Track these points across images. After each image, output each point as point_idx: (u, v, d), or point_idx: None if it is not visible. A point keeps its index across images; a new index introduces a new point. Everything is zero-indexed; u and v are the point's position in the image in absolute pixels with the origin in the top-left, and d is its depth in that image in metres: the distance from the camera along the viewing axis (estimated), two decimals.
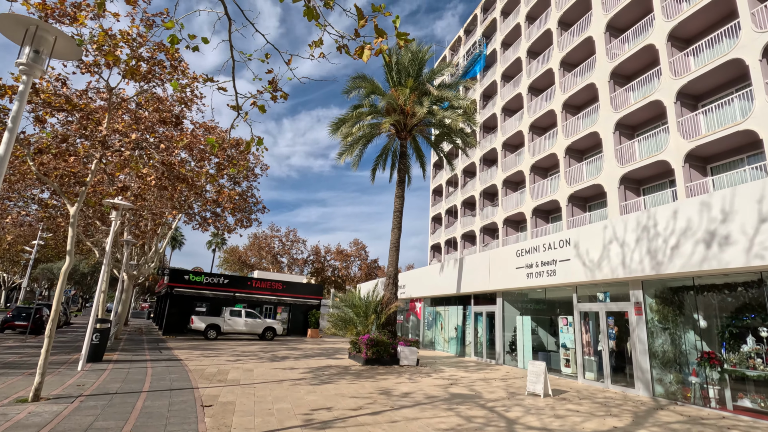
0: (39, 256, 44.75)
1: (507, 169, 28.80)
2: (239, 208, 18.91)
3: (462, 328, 18.81)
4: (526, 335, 14.35)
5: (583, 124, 22.97)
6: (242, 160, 17.96)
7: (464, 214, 34.54)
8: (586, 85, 22.15)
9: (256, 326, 23.70)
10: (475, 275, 17.30)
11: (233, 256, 63.47)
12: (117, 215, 10.95)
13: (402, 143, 16.57)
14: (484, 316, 17.08)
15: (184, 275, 25.91)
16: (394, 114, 15.00)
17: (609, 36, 21.41)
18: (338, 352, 18.24)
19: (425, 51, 15.96)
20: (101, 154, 7.53)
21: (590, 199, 22.52)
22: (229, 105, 4.40)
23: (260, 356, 15.30)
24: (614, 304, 11.08)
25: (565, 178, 22.78)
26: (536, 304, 14.93)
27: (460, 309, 19.19)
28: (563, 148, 23.23)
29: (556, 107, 24.32)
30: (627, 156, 19.49)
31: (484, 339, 16.78)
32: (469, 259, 18.19)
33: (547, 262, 13.09)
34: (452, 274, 19.22)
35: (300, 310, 29.72)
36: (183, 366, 11.92)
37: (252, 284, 28.06)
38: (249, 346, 19.19)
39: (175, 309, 25.19)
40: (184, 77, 8.92)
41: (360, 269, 66.69)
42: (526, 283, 14.11)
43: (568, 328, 12.53)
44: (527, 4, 28.97)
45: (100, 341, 11.81)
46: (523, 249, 14.44)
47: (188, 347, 17.59)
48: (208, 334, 22.25)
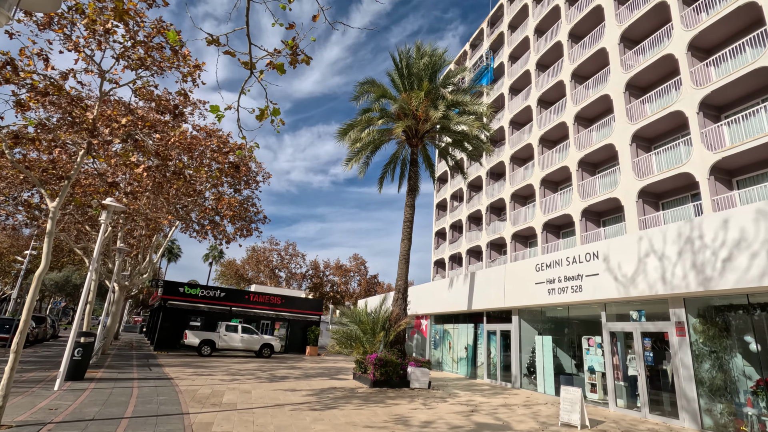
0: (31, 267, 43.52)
1: (515, 182, 28.03)
2: (239, 216, 17.96)
3: (473, 348, 17.67)
4: (547, 357, 13.27)
5: (596, 137, 22.30)
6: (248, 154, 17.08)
7: (470, 228, 33.63)
8: (600, 97, 21.55)
9: (252, 342, 22.47)
10: (489, 291, 16.28)
11: (230, 269, 62.16)
12: (107, 217, 10.01)
13: (413, 150, 15.76)
14: (497, 336, 15.99)
15: (179, 287, 24.76)
16: (405, 119, 14.23)
17: (623, 47, 20.92)
18: (341, 371, 17.05)
19: (439, 55, 15.30)
20: (88, 143, 6.64)
21: (605, 213, 21.67)
22: (241, 62, 3.55)
23: (258, 376, 14.13)
24: (651, 324, 10.07)
25: (578, 192, 21.97)
26: (557, 322, 13.88)
27: (471, 327, 18.08)
28: (576, 161, 22.49)
29: (567, 119, 23.69)
30: (644, 169, 18.73)
31: (498, 360, 15.66)
32: (482, 274, 17.19)
33: (571, 277, 12.12)
34: (463, 290, 18.18)
35: (299, 326, 28.47)
36: (173, 386, 10.78)
37: (249, 298, 26.88)
38: (245, 364, 17.98)
39: (168, 323, 23.95)
40: (185, 65, 8.10)
41: (359, 285, 65.39)
42: (546, 300, 13.10)
43: (596, 350, 11.47)
44: (536, 17, 28.70)
45: (82, 357, 10.70)
46: (543, 263, 13.48)
47: (180, 364, 16.40)
48: (202, 350, 21.01)
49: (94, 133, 6.55)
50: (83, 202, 9.39)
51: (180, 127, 7.32)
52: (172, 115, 7.45)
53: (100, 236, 9.55)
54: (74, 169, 6.92)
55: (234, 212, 17.59)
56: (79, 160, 6.94)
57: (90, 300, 13.42)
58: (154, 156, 7.50)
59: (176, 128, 7.38)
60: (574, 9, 25.37)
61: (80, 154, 6.97)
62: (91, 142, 6.57)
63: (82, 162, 6.96)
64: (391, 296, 19.85)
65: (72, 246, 13.52)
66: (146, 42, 7.30)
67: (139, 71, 7.90)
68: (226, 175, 17.41)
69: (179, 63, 8.05)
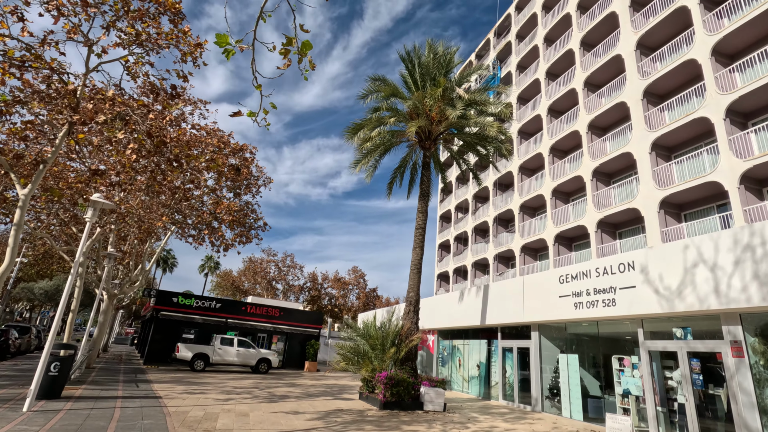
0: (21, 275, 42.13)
1: (524, 193, 27.14)
2: (238, 222, 16.91)
3: (486, 366, 16.48)
4: (573, 378, 12.13)
5: (611, 146, 21.51)
6: None
7: (475, 241, 32.62)
8: (616, 105, 20.82)
9: (249, 357, 21.17)
10: (505, 305, 15.19)
11: (226, 280, 60.72)
12: (93, 214, 8.95)
13: (425, 153, 14.84)
14: (514, 353, 14.84)
15: (173, 297, 23.51)
16: (418, 119, 13.34)
17: (640, 54, 20.28)
18: (344, 390, 15.80)
19: (453, 52, 14.51)
20: (69, 123, 5.66)
21: (621, 225, 20.73)
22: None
23: (255, 394, 12.91)
24: (699, 343, 9.01)
25: (593, 203, 21.06)
26: (583, 340, 12.78)
27: (484, 344, 16.92)
28: (590, 170, 21.64)
29: (580, 128, 22.93)
30: (665, 178, 17.87)
31: (515, 380, 14.47)
32: (497, 286, 16.12)
33: (602, 290, 11.08)
34: (475, 304, 17.07)
35: (297, 340, 27.14)
36: (161, 406, 9.59)
37: (246, 310, 25.61)
38: (241, 381, 16.71)
39: (160, 335, 22.64)
40: (185, 42, 7.18)
41: (358, 298, 63.99)
42: (572, 315, 12.02)
43: (632, 371, 10.37)
44: (545, 26, 28.23)
45: (59, 372, 9.52)
46: (568, 274, 12.45)
47: (171, 380, 15.13)
48: (195, 364, 19.70)
49: (77, 109, 5.59)
50: (62, 194, 8.34)
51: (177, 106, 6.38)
52: (169, 94, 6.50)
53: (85, 235, 8.48)
54: (52, 152, 5.91)
55: (233, 217, 16.57)
56: (59, 141, 5.95)
57: (73, 308, 12.26)
58: (146, 137, 6.50)
59: (174, 106, 6.45)
60: (586, 18, 24.87)
61: (60, 135, 5.98)
62: (73, 121, 5.60)
63: (62, 144, 5.97)
64: (398, 309, 18.71)
65: (56, 249, 12.38)
66: (140, 10, 6.37)
67: (133, 48, 6.98)
68: (226, 178, 16.49)
69: (178, 40, 7.13)
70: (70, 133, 6.04)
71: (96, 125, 6.10)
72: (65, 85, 5.85)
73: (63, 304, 8.35)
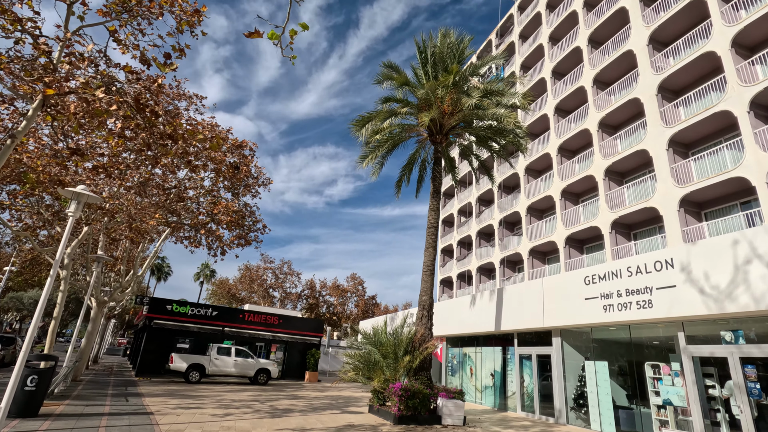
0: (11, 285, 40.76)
1: (531, 195, 26.35)
2: (237, 223, 15.92)
3: (501, 375, 15.49)
4: (602, 387, 11.17)
5: (623, 144, 20.78)
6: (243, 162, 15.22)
7: (480, 245, 31.73)
8: (628, 102, 20.13)
9: (247, 367, 20.03)
10: (522, 309, 14.27)
11: (222, 288, 59.36)
12: (77, 208, 7.98)
13: (436, 148, 13.99)
14: (533, 361, 13.88)
15: (167, 305, 22.37)
16: (430, 110, 12.49)
17: (652, 49, 19.65)
18: (350, 402, 14.74)
19: (466, 42, 13.74)
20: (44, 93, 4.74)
21: (637, 225, 19.93)
22: None
23: (256, 408, 11.84)
24: (755, 348, 8.12)
25: (606, 203, 20.27)
26: (611, 345, 11.85)
27: (498, 351, 15.95)
28: (602, 169, 20.89)
29: (590, 126, 22.23)
30: (683, 176, 17.12)
31: (535, 390, 13.49)
32: (513, 289, 15.20)
33: (636, 291, 10.19)
34: (488, 309, 16.13)
35: (297, 348, 26.00)
36: (152, 424, 8.55)
37: (244, 317, 24.48)
38: (240, 393, 15.61)
39: (153, 345, 21.46)
40: (180, 9, 6.30)
41: (356, 306, 62.83)
42: (601, 319, 11.11)
43: (674, 379, 9.44)
44: (550, 25, 27.69)
45: (37, 387, 8.46)
46: (594, 275, 11.56)
47: (164, 393, 14.02)
48: (190, 376, 18.54)
49: (54, 74, 4.69)
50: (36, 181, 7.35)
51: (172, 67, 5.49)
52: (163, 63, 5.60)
53: (67, 231, 7.50)
54: (23, 126, 4.98)
55: (231, 218, 15.59)
56: (31, 113, 5.02)
57: (55, 315, 11.20)
58: (132, 103, 5.58)
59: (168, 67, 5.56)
60: (592, 15, 24.31)
61: (32, 107, 5.06)
62: (48, 83, 4.69)
63: (34, 118, 5.05)
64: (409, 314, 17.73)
65: (43, 254, 11.33)
66: None
67: (123, 15, 6.08)
68: (224, 176, 15.55)
69: (173, 7, 6.25)
70: (45, 106, 5.13)
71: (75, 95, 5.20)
72: (38, 46, 4.95)
73: (40, 309, 7.34)
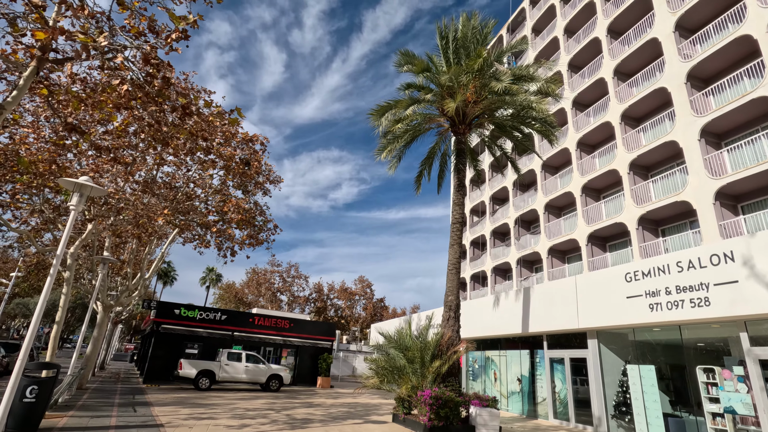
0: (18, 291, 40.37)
1: (549, 192, 25.45)
2: (248, 222, 15.17)
3: (530, 380, 14.59)
4: (650, 393, 10.26)
5: (648, 137, 19.87)
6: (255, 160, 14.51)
7: (494, 245, 30.82)
8: (654, 92, 19.23)
9: (259, 373, 19.25)
10: (553, 309, 13.38)
11: (229, 292, 58.67)
12: (79, 201, 7.26)
13: (459, 138, 13.19)
14: (566, 365, 12.97)
15: (174, 309, 21.67)
16: (455, 96, 11.69)
17: (679, 36, 18.77)
18: (370, 411, 13.90)
19: (490, 26, 12.96)
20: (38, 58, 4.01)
21: (666, 221, 18.98)
22: None
23: (272, 418, 11.04)
24: None
25: (632, 198, 19.35)
26: (656, 348, 10.94)
27: (526, 354, 15.05)
28: (626, 163, 19.98)
29: (612, 119, 21.34)
30: (717, 167, 16.20)
31: (570, 396, 12.58)
32: (541, 288, 14.33)
33: (689, 287, 9.30)
34: (514, 309, 15.25)
35: (308, 353, 25.20)
36: None
37: (254, 321, 23.72)
38: (252, 401, 14.81)
39: (161, 350, 20.75)
40: None
41: (364, 309, 61.99)
42: (646, 318, 10.22)
43: (738, 385, 8.53)
44: (565, 17, 26.87)
45: (37, 398, 7.70)
46: (638, 271, 10.67)
47: (173, 402, 13.25)
48: (200, 382, 17.77)
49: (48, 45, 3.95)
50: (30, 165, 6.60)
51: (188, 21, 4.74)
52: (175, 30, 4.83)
53: (68, 225, 6.77)
54: (13, 97, 4.24)
55: (242, 216, 14.84)
56: (23, 83, 4.29)
57: (58, 319, 10.46)
58: (142, 65, 4.82)
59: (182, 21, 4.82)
60: (611, 5, 23.46)
61: (24, 75, 4.32)
62: (36, 34, 3.95)
63: (26, 88, 4.31)
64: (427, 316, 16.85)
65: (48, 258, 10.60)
66: None
67: None
68: (234, 173, 14.83)
69: None
70: (39, 73, 4.41)
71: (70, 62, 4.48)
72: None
73: (39, 311, 6.60)
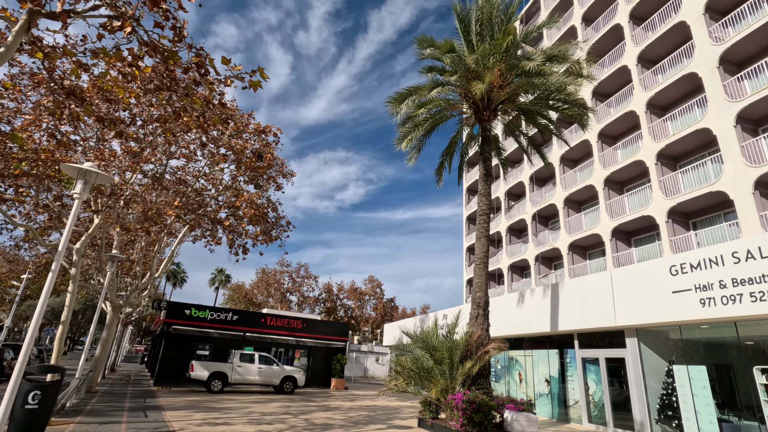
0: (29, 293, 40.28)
1: (568, 186, 24.57)
2: (261, 217, 14.55)
3: (560, 381, 13.78)
4: (701, 396, 9.43)
5: (675, 125, 18.94)
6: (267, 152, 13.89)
7: (510, 241, 29.97)
8: (683, 77, 18.30)
9: (272, 375, 18.61)
10: (585, 306, 12.57)
11: (239, 293, 58.26)
12: (83, 189, 6.65)
13: (484, 125, 12.42)
14: (602, 365, 12.15)
15: (185, 309, 21.14)
16: (481, 80, 10.93)
17: (709, 18, 17.85)
18: (391, 414, 13.18)
19: (515, 5, 12.18)
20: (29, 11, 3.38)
21: (697, 213, 18.05)
22: None
23: (291, 423, 10.36)
24: None
25: (660, 190, 18.44)
26: (705, 346, 10.10)
27: (554, 354, 14.24)
28: (653, 153, 19.07)
29: (636, 108, 20.43)
30: (755, 155, 15.27)
31: (607, 398, 11.75)
32: (572, 284, 13.52)
33: (748, 280, 8.46)
34: (541, 307, 14.46)
35: (321, 354, 24.56)
36: None
37: (266, 322, 23.13)
38: (267, 404, 14.16)
39: (172, 351, 20.22)
40: None
41: (375, 309, 61.30)
42: (697, 315, 9.39)
43: None
44: (582, 5, 25.94)
45: (41, 404, 7.08)
46: (685, 263, 9.84)
47: (186, 405, 12.64)
48: (212, 385, 17.17)
49: None
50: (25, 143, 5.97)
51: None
52: None
53: (72, 214, 6.15)
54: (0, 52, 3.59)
55: (255, 211, 14.23)
56: (12, 39, 3.65)
57: (63, 319, 9.88)
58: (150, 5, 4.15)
59: None
60: None
61: (14, 30, 3.68)
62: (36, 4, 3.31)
63: (16, 45, 3.68)
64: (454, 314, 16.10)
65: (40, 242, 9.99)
66: None
67: None
68: (246, 167, 14.21)
69: None
70: (30, 29, 3.77)
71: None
72: None
73: (40, 309, 5.98)
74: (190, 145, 12.61)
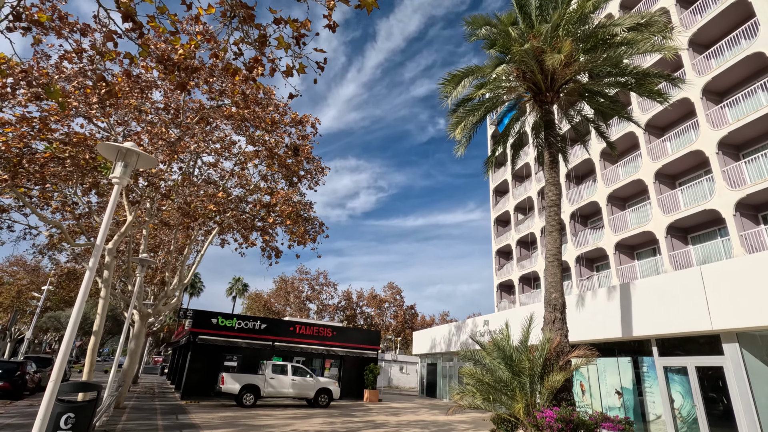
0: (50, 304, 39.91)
1: (610, 182, 23.10)
2: (298, 215, 13.46)
3: (635, 393, 12.31)
4: None
5: (735, 112, 17.46)
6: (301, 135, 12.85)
7: (545, 243, 28.43)
8: (744, 59, 16.88)
9: (306, 387, 17.41)
10: (667, 308, 11.15)
11: (257, 302, 57.33)
12: (123, 173, 5.63)
13: (547, 108, 11.21)
14: (691, 375, 10.68)
15: (212, 318, 20.10)
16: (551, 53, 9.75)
17: None
18: (448, 431, 11.85)
19: None
20: None
21: (765, 206, 16.49)
22: None
23: None
24: None
25: (725, 181, 16.94)
26: None
27: (626, 362, 12.78)
28: (713, 142, 17.60)
29: (691, 95, 19.00)
30: None
31: (700, 414, 10.28)
32: (646, 284, 12.11)
33: None
34: (608, 310, 13.06)
35: (352, 363, 23.30)
36: None
37: (295, 330, 21.98)
38: (308, 420, 12.94)
39: (199, 363, 19.18)
40: None
41: (394, 317, 59.85)
42: None
43: None
44: None
45: (74, 428, 5.98)
46: None
47: (222, 424, 11.48)
48: (244, 399, 16.03)
49: None
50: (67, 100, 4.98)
51: None
52: None
53: (112, 201, 5.11)
54: None
55: (292, 208, 13.15)
56: None
57: (96, 329, 8.85)
58: None
59: None
60: None
61: None
62: None
63: None
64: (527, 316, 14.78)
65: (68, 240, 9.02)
66: None
67: None
68: (280, 163, 13.19)
69: None
70: None
71: None
72: None
73: (73, 324, 4.90)
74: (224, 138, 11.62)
